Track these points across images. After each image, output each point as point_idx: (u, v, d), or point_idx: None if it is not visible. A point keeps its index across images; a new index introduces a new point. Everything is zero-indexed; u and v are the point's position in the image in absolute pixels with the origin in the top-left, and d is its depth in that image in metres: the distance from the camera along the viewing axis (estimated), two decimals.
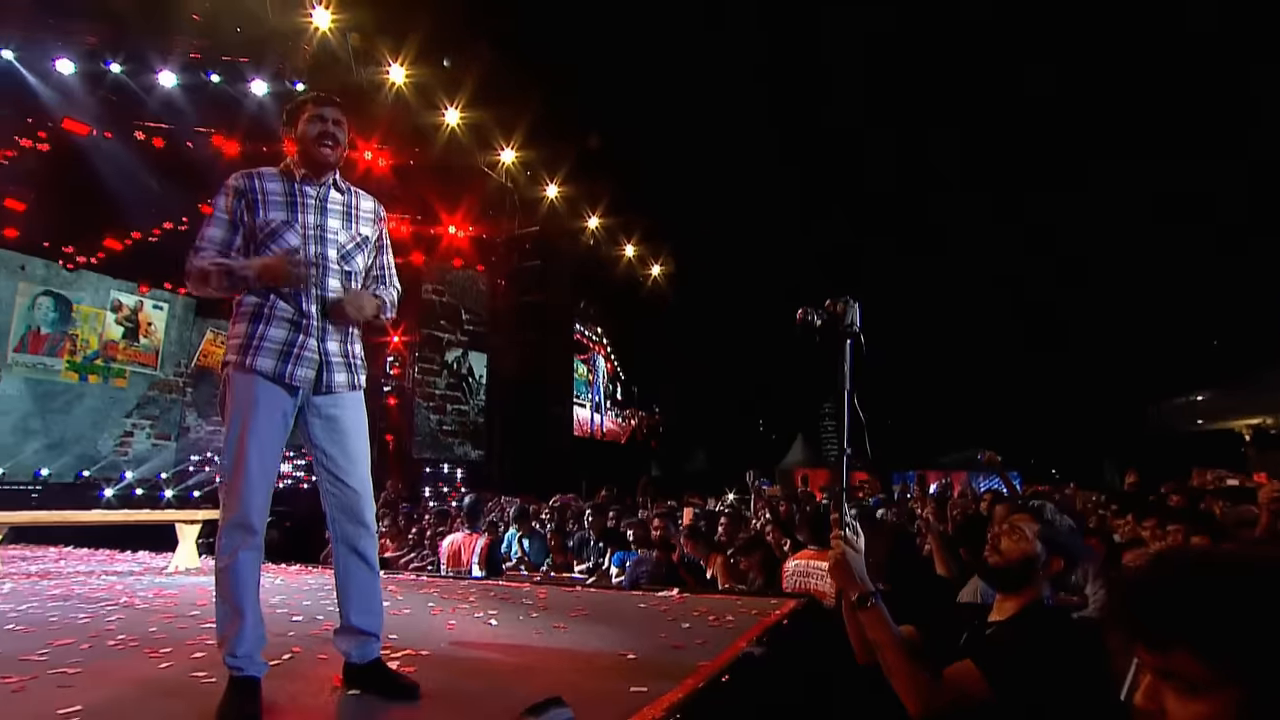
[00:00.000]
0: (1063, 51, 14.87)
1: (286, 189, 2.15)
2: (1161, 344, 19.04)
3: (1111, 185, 17.02)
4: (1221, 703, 0.67)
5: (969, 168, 17.36)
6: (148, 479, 10.98)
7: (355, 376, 2.21)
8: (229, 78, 9.33)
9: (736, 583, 4.12)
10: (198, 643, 2.73)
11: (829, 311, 1.92)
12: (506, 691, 2.13)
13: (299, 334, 2.07)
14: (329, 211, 2.18)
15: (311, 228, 2.14)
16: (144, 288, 11.57)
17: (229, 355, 2.05)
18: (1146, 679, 0.74)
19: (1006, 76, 15.38)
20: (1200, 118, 15.34)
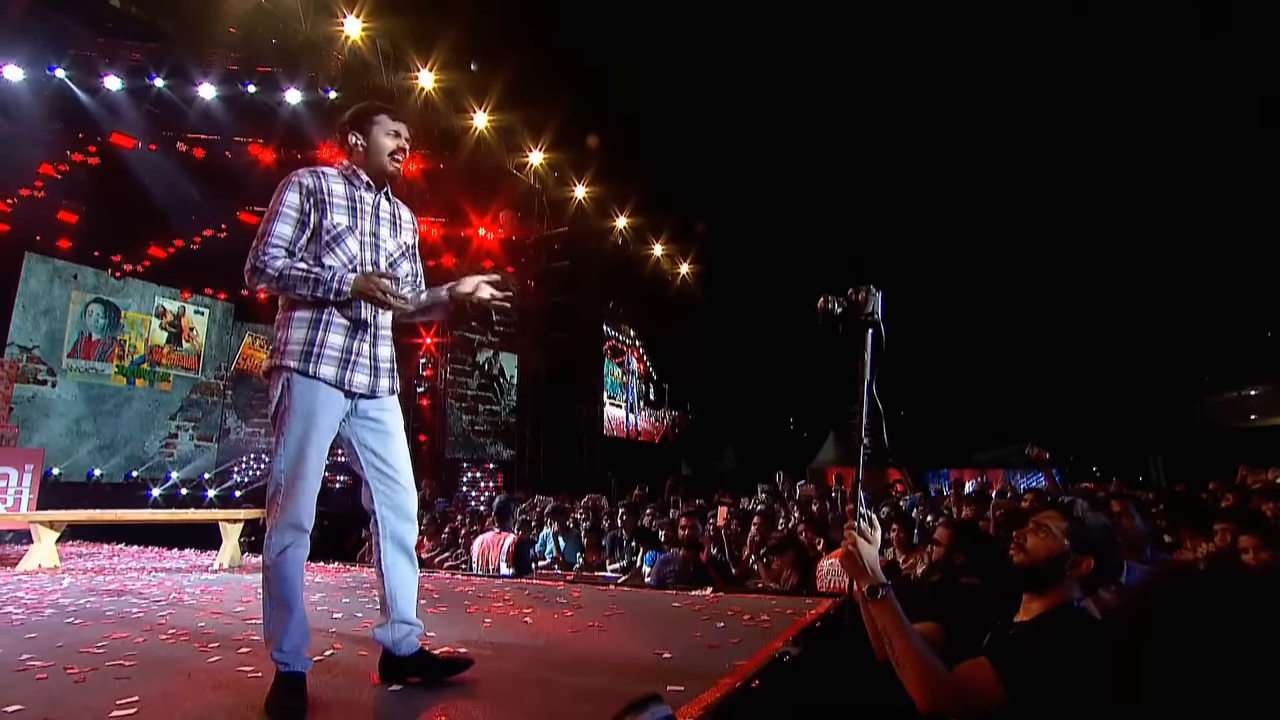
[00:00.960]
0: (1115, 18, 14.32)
1: (348, 193, 2.18)
2: (1212, 335, 18.32)
3: (1159, 170, 16.42)
4: None
5: (1008, 152, 16.92)
6: (191, 479, 11.36)
7: (395, 381, 2.26)
8: (264, 88, 9.58)
9: (771, 581, 4.10)
10: (244, 638, 2.80)
11: (850, 300, 1.87)
12: (544, 690, 2.14)
13: (355, 340, 2.12)
14: (380, 220, 2.23)
15: (368, 234, 2.18)
16: (186, 294, 11.97)
17: (287, 360, 2.05)
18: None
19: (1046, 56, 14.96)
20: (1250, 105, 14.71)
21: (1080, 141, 16.60)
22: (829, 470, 15.40)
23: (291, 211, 2.11)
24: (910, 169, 17.58)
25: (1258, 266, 16.80)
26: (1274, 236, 15.98)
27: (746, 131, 15.74)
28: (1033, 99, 15.80)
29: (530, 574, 4.91)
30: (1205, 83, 14.70)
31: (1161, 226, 17.50)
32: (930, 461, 19.28)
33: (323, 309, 2.08)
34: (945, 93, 15.83)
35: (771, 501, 6.57)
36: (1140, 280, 18.53)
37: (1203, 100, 15.01)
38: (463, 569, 5.85)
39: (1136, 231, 18.03)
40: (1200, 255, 17.24)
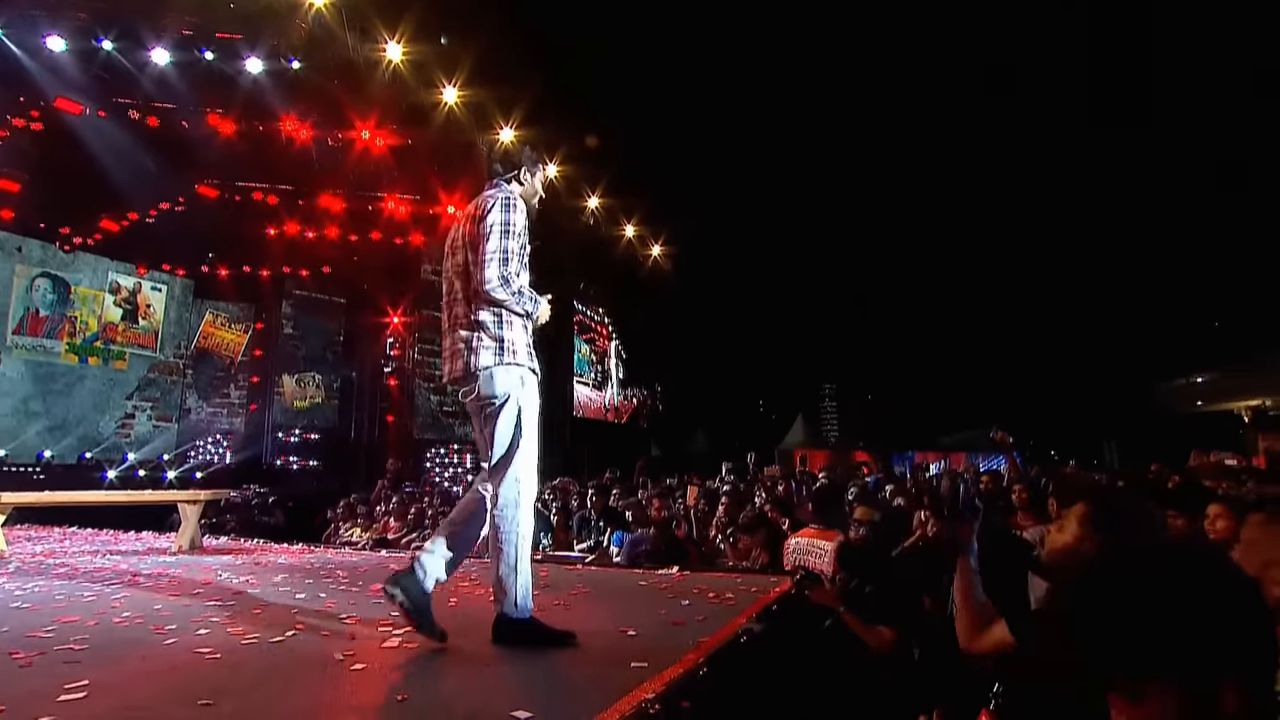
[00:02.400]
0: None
1: (525, 221, 2.56)
2: (1164, 327, 18.99)
3: (1116, 167, 16.87)
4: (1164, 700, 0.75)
5: (975, 145, 17.19)
6: (149, 460, 11.04)
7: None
8: (223, 55, 9.18)
9: (741, 560, 4.15)
10: (202, 619, 2.75)
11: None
12: (506, 668, 2.15)
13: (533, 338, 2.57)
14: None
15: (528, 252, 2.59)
16: (142, 269, 11.55)
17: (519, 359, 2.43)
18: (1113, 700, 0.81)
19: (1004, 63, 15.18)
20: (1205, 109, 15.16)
21: (1043, 143, 16.93)
22: (796, 452, 15.65)
23: (515, 230, 2.45)
24: (883, 161, 17.75)
25: (1206, 261, 17.42)
26: (1220, 234, 16.60)
27: (720, 114, 15.69)
28: (996, 99, 16.04)
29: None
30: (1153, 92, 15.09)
31: (1117, 224, 18.03)
32: (897, 444, 19.72)
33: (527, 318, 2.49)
34: (917, 85, 15.96)
35: (739, 481, 6.65)
36: (1097, 274, 19.11)
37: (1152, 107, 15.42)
38: None
39: (1093, 229, 18.55)
40: (1153, 251, 17.83)
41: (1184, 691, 0.75)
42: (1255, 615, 0.76)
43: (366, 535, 7.03)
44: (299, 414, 13.16)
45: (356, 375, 13.62)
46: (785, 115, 16.77)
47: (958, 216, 18.98)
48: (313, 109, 10.50)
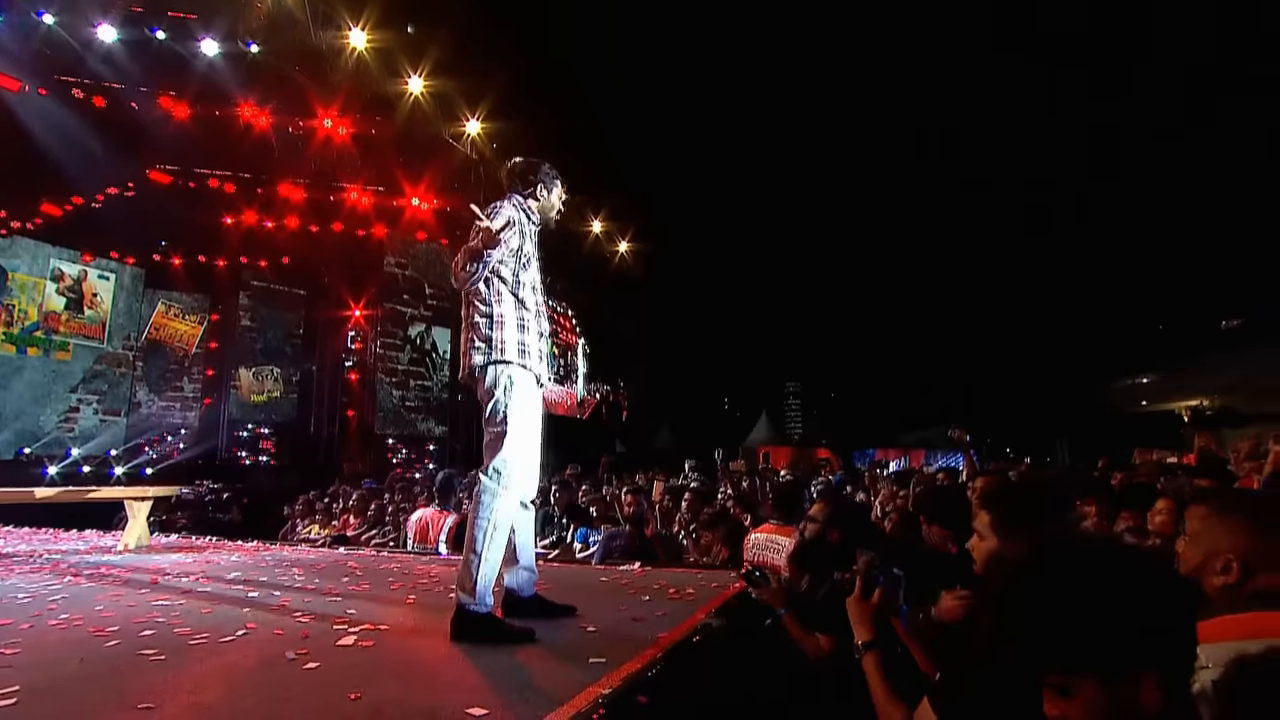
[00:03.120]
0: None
1: (530, 230, 2.69)
2: (1112, 330, 19.74)
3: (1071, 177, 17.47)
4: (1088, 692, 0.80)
5: (935, 150, 17.58)
6: (95, 456, 10.61)
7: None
8: (175, 35, 8.85)
9: (702, 556, 4.19)
10: (147, 620, 2.66)
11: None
12: (462, 666, 2.13)
13: (539, 342, 2.64)
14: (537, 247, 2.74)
15: (538, 262, 2.71)
16: (87, 256, 11.07)
17: (508, 356, 2.49)
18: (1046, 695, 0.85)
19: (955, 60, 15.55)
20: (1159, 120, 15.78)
21: (1001, 149, 17.41)
22: (760, 449, 15.84)
23: (513, 229, 2.52)
24: (848, 166, 18.03)
25: (1151, 265, 18.16)
26: (1165, 240, 17.32)
27: (690, 113, 15.74)
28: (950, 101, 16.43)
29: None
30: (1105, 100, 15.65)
31: (1069, 232, 18.68)
32: (858, 442, 20.12)
33: (519, 315, 2.56)
34: (878, 91, 16.25)
35: (705, 478, 6.69)
36: (1050, 279, 19.78)
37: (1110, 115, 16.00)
38: (391, 546, 5.71)
39: (1047, 236, 19.18)
40: (1101, 258, 18.53)
41: (1105, 685, 0.79)
42: (1172, 610, 0.80)
43: (325, 532, 6.89)
44: (256, 408, 12.80)
45: (316, 369, 13.31)
46: (754, 116, 16.91)
47: (921, 221, 19.42)
48: (272, 95, 10.21)
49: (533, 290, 2.64)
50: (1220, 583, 1.26)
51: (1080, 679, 0.80)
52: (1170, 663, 0.80)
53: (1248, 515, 1.30)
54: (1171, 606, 0.81)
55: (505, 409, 2.49)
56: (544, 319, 2.69)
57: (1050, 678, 0.83)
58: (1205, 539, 1.32)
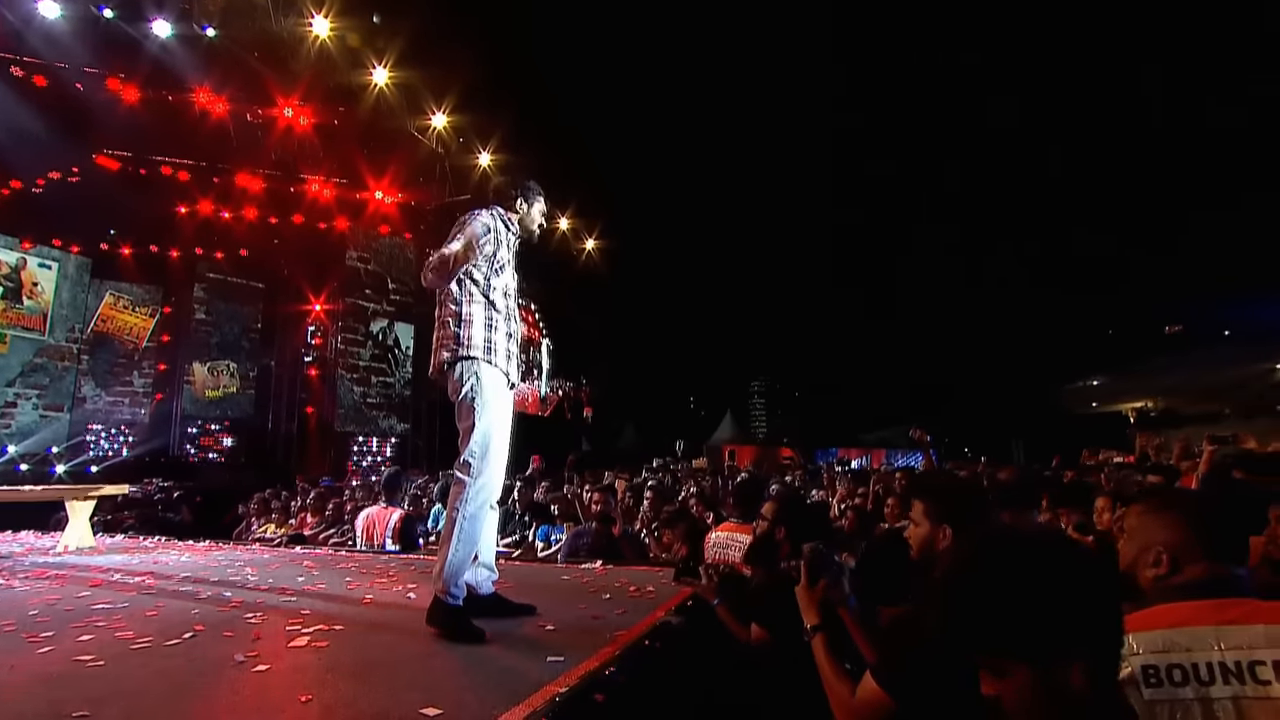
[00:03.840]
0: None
1: (509, 238, 2.77)
2: (1065, 334, 20.48)
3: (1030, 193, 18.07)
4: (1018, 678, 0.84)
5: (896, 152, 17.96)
6: (35, 453, 10.15)
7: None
8: (125, 14, 8.50)
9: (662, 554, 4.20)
10: (86, 624, 2.56)
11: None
12: (419, 665, 2.10)
13: (510, 344, 2.70)
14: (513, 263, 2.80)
15: (513, 270, 2.78)
16: (26, 244, 10.57)
17: (474, 352, 2.56)
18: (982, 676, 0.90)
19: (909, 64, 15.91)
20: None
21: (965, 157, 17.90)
22: (725, 447, 15.97)
23: (486, 236, 2.62)
24: (814, 169, 18.29)
25: (1101, 273, 18.91)
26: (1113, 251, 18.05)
27: (658, 112, 15.77)
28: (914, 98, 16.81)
29: (419, 550, 4.78)
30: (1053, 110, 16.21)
31: (1025, 242, 19.31)
32: (821, 441, 20.46)
33: (488, 315, 2.63)
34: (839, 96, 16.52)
35: (666, 470, 6.72)
36: (1008, 288, 20.44)
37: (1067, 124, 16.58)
38: (349, 545, 5.60)
39: (1006, 244, 19.80)
40: (1055, 265, 19.21)
41: (1035, 668, 0.83)
42: (1098, 599, 0.83)
43: (281, 531, 6.71)
44: (211, 404, 12.41)
45: (275, 364, 12.97)
46: (721, 116, 17.02)
47: (885, 228, 19.83)
48: (230, 81, 9.91)
49: (505, 295, 2.71)
50: (1152, 575, 1.32)
51: (1011, 662, 0.84)
52: (1097, 649, 0.83)
53: (1180, 512, 1.36)
54: (1097, 596, 0.84)
55: (473, 402, 2.55)
56: (515, 323, 2.75)
57: (984, 660, 0.87)
58: (1141, 534, 1.39)
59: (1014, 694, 0.84)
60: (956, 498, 1.85)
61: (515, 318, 2.77)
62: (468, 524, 2.48)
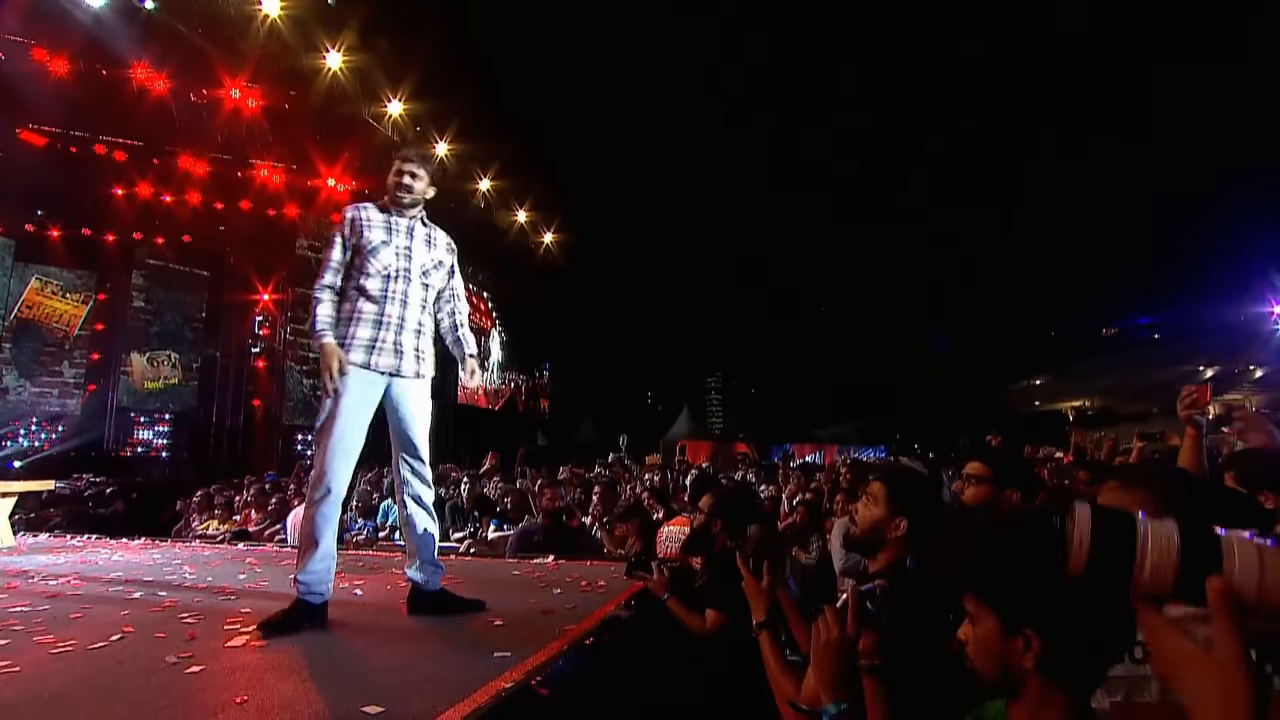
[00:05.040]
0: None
1: (384, 218, 2.72)
2: (1008, 336, 21.30)
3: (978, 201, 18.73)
4: (985, 626, 0.93)
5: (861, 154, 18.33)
6: None
7: (427, 367, 2.75)
8: None
9: (616, 549, 4.21)
10: (2, 629, 2.42)
11: None
12: (365, 662, 2.06)
13: (381, 331, 2.62)
14: (414, 237, 2.75)
15: (401, 248, 2.70)
16: None
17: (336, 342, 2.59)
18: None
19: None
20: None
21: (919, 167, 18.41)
22: (680, 442, 16.09)
23: (338, 238, 2.68)
24: (774, 164, 18.54)
25: (1045, 276, 19.73)
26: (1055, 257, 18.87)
27: (615, 107, 15.74)
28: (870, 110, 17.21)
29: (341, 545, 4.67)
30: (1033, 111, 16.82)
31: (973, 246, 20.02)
32: (775, 436, 20.78)
33: (355, 309, 2.62)
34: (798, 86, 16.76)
35: (612, 471, 6.74)
36: (956, 290, 21.15)
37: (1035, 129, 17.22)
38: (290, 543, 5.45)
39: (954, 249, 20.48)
40: (1002, 270, 19.98)
41: (998, 623, 0.91)
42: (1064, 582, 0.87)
43: (224, 528, 6.48)
44: (150, 396, 11.89)
45: (220, 355, 12.49)
46: (677, 109, 17.09)
47: (840, 225, 20.24)
48: (171, 58, 9.46)
49: (387, 277, 2.66)
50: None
51: (985, 609, 0.92)
52: (1054, 629, 0.88)
53: (1149, 486, 1.42)
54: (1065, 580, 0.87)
55: (332, 394, 2.56)
56: (406, 305, 2.68)
57: (967, 598, 0.95)
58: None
59: (976, 642, 0.93)
60: (923, 491, 1.87)
61: (406, 298, 2.68)
62: (318, 523, 2.50)
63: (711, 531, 2.82)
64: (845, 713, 1.30)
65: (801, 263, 20.78)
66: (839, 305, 21.75)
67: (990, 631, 0.91)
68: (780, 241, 20.39)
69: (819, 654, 1.35)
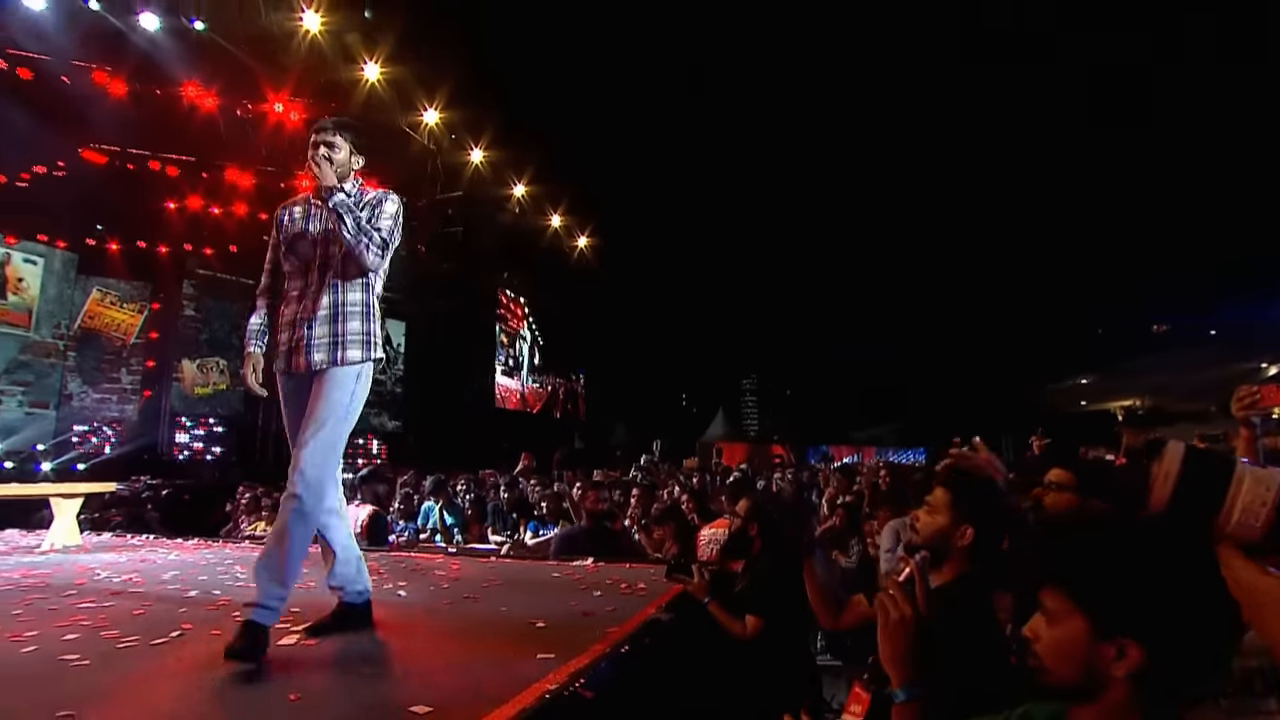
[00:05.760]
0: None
1: (305, 209, 2.57)
2: (1053, 333, 20.64)
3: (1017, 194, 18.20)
4: (1070, 627, 0.87)
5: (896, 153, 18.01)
6: (20, 450, 10.02)
7: (336, 353, 2.42)
8: (112, 7, 8.41)
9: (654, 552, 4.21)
10: (71, 624, 2.53)
11: None
12: (411, 662, 2.10)
13: (293, 331, 2.44)
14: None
15: (318, 233, 2.49)
16: (11, 239, 10.42)
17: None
18: (1035, 615, 0.93)
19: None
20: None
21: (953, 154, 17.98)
22: (716, 444, 16.02)
23: (271, 240, 2.63)
24: (807, 165, 18.32)
25: (1093, 272, 19.06)
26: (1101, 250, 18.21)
27: (648, 110, 15.76)
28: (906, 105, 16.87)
29: (386, 547, 4.77)
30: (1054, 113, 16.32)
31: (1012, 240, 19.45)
32: (813, 438, 20.53)
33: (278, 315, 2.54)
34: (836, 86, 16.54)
35: (647, 474, 6.73)
36: (996, 286, 20.55)
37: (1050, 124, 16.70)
38: None
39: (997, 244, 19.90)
40: (1046, 265, 19.36)
41: (1089, 625, 0.85)
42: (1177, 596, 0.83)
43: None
44: (200, 401, 12.32)
45: (266, 361, 12.87)
46: (710, 113, 17.03)
47: (877, 225, 19.89)
48: (219, 76, 9.82)
49: (301, 271, 2.48)
50: None
51: (1072, 609, 0.86)
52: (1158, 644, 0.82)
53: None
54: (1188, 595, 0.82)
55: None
56: (319, 291, 2.43)
57: (1049, 593, 0.89)
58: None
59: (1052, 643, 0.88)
60: (991, 498, 1.79)
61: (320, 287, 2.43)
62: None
63: (749, 535, 2.80)
64: (918, 698, 1.21)
65: (836, 262, 20.47)
66: (877, 303, 21.33)
67: (1077, 633, 0.86)
68: (815, 241, 20.12)
69: (888, 633, 1.25)
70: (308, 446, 2.31)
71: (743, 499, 2.99)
